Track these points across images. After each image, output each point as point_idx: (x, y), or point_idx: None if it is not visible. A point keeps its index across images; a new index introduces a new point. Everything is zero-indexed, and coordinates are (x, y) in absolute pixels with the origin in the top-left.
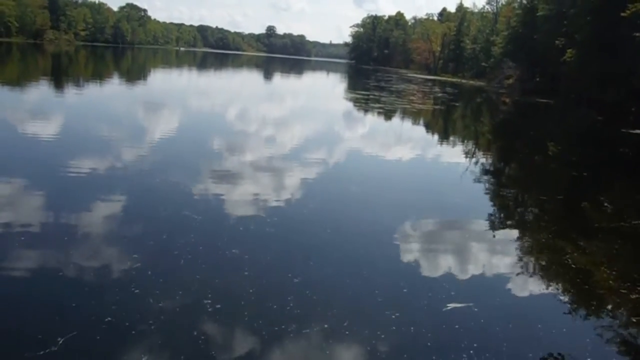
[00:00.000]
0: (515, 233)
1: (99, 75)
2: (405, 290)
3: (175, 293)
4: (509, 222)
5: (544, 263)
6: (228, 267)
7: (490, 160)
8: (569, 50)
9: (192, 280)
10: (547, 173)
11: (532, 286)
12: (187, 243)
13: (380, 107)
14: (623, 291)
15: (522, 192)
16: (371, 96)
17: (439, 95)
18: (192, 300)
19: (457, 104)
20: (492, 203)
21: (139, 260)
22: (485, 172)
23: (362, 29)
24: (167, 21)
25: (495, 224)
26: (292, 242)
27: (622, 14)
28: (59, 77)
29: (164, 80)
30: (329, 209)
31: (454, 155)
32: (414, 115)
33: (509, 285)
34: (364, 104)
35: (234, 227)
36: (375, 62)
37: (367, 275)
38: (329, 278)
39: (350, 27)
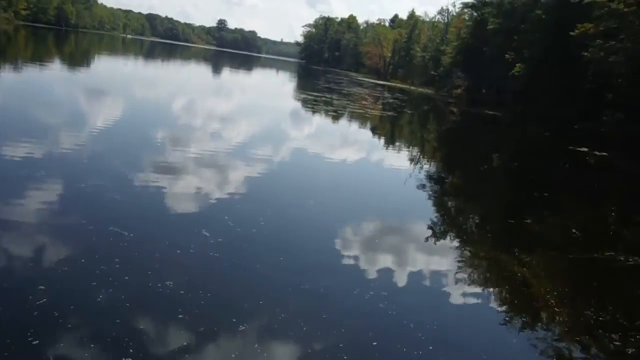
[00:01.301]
0: (455, 240)
1: (39, 57)
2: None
3: (84, 349)
4: (450, 231)
5: (481, 271)
6: (158, 308)
7: (439, 168)
8: (517, 65)
9: (111, 326)
10: (490, 184)
11: (468, 296)
12: (109, 271)
13: (332, 110)
14: (557, 307)
15: (466, 201)
16: (323, 98)
17: (390, 101)
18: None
19: (407, 111)
20: (443, 212)
21: (45, 295)
22: (437, 181)
23: (314, 30)
24: (115, 6)
25: (436, 231)
26: (239, 273)
27: (571, 33)
28: None
29: (106, 68)
30: (279, 225)
31: (407, 162)
32: (366, 120)
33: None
34: (315, 106)
35: (170, 249)
36: (325, 63)
37: (327, 318)
38: (281, 323)
39: (303, 26)
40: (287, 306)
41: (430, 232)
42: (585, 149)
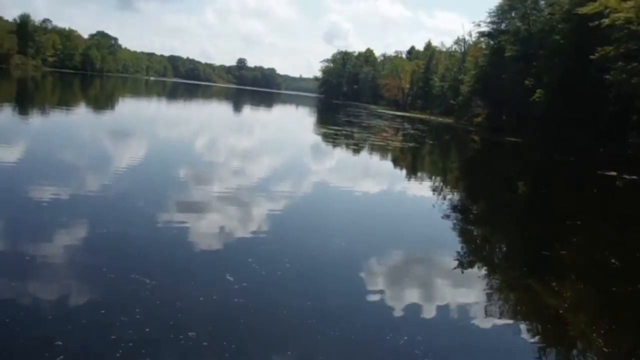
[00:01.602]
0: (484, 271)
1: (65, 102)
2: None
3: None
4: (480, 263)
5: (513, 303)
6: None
7: (464, 198)
8: (537, 91)
9: None
10: (519, 212)
11: (502, 326)
12: (130, 322)
13: (353, 144)
14: (594, 336)
15: (495, 232)
16: (343, 132)
17: (411, 132)
18: None
19: (428, 141)
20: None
21: (62, 351)
22: (463, 211)
23: (332, 64)
24: (138, 50)
25: (464, 262)
26: (265, 321)
27: (591, 57)
28: (24, 103)
29: (130, 110)
30: (304, 266)
31: (431, 193)
32: (388, 152)
33: (481, 335)
34: (336, 140)
35: (193, 296)
36: (344, 97)
37: None
38: None
39: (321, 62)
40: (318, 357)
41: (458, 265)
42: (613, 173)
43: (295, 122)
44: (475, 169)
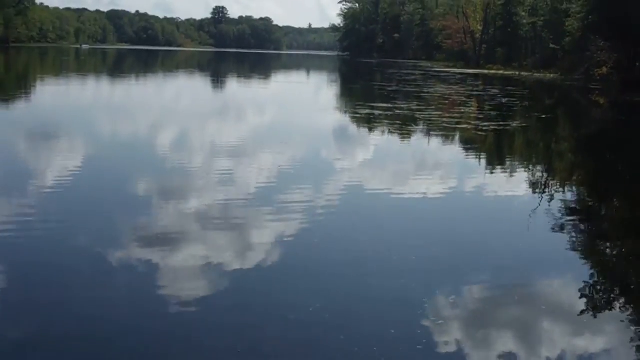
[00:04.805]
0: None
1: None
2: None
3: None
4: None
5: None
6: None
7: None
8: None
9: None
10: None
11: None
12: None
13: (422, 133)
14: None
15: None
16: (396, 111)
17: (503, 100)
18: None
19: (543, 115)
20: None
21: None
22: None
23: (357, 5)
24: (61, 6)
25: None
26: None
27: None
28: None
29: (56, 97)
30: None
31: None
32: (486, 145)
33: None
34: (389, 130)
35: None
36: (380, 52)
37: None
38: None
39: (340, 2)
40: None
41: (588, 308)
42: None
43: (310, 102)
44: (605, 152)
